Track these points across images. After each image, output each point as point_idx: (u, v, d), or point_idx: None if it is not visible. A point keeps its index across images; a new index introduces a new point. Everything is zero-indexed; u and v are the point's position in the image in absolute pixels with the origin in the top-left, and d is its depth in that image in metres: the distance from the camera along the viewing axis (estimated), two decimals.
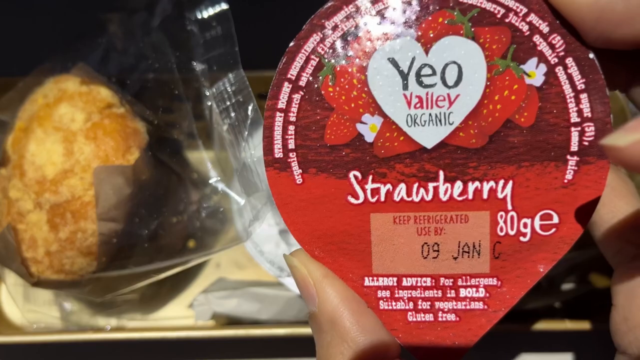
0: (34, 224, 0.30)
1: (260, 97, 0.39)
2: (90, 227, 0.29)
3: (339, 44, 0.18)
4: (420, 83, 0.18)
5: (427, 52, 0.17)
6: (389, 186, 0.18)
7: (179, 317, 0.38)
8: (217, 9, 0.31)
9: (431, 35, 0.17)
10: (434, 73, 0.17)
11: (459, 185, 0.18)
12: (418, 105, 0.18)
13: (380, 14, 0.17)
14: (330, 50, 0.18)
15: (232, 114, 0.29)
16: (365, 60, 0.18)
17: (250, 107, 0.29)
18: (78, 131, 0.30)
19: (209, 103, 0.30)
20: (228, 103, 0.29)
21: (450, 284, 0.19)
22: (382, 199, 0.18)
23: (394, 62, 0.18)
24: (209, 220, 0.35)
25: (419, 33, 0.17)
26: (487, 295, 0.19)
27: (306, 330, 0.31)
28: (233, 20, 0.31)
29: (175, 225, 0.34)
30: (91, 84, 0.32)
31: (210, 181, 0.33)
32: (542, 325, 0.31)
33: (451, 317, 0.19)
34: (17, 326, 0.36)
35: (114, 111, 0.31)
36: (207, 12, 0.31)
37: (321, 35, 0.18)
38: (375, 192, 0.18)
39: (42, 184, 0.29)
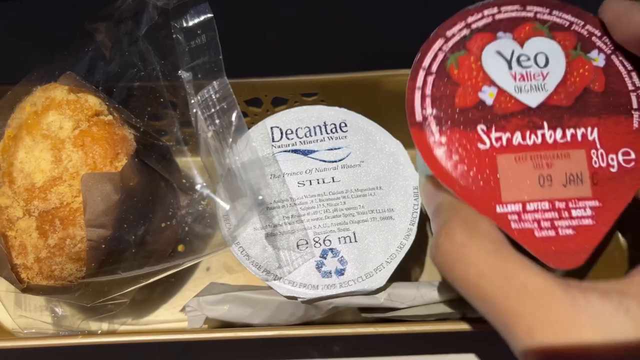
0: (24, 230, 0.30)
1: (248, 103, 0.39)
2: (79, 233, 0.29)
3: (458, 44, 0.26)
4: (520, 65, 0.25)
5: (522, 46, 0.26)
6: (508, 134, 0.25)
7: (170, 321, 0.38)
8: (202, 17, 0.31)
9: (522, 36, 0.26)
10: (528, 59, 0.26)
11: (559, 131, 0.25)
12: (521, 79, 0.25)
13: (486, 25, 0.26)
14: (452, 48, 0.26)
15: (217, 121, 0.29)
16: (478, 53, 0.25)
17: (234, 114, 0.29)
18: (66, 139, 0.30)
19: (194, 110, 0.31)
20: (212, 110, 0.30)
21: (564, 206, 0.24)
22: (504, 144, 0.25)
23: (499, 53, 0.26)
24: (197, 225, 0.35)
25: (514, 35, 0.26)
26: (593, 213, 0.24)
27: (295, 332, 0.32)
28: (217, 28, 0.32)
29: (164, 231, 0.34)
30: (79, 92, 0.32)
31: (197, 187, 0.34)
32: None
33: (569, 231, 0.24)
34: (8, 331, 0.37)
35: (101, 119, 0.32)
36: (193, 20, 0.32)
37: (444, 39, 0.26)
38: (498, 139, 0.25)
39: (31, 191, 0.30)
